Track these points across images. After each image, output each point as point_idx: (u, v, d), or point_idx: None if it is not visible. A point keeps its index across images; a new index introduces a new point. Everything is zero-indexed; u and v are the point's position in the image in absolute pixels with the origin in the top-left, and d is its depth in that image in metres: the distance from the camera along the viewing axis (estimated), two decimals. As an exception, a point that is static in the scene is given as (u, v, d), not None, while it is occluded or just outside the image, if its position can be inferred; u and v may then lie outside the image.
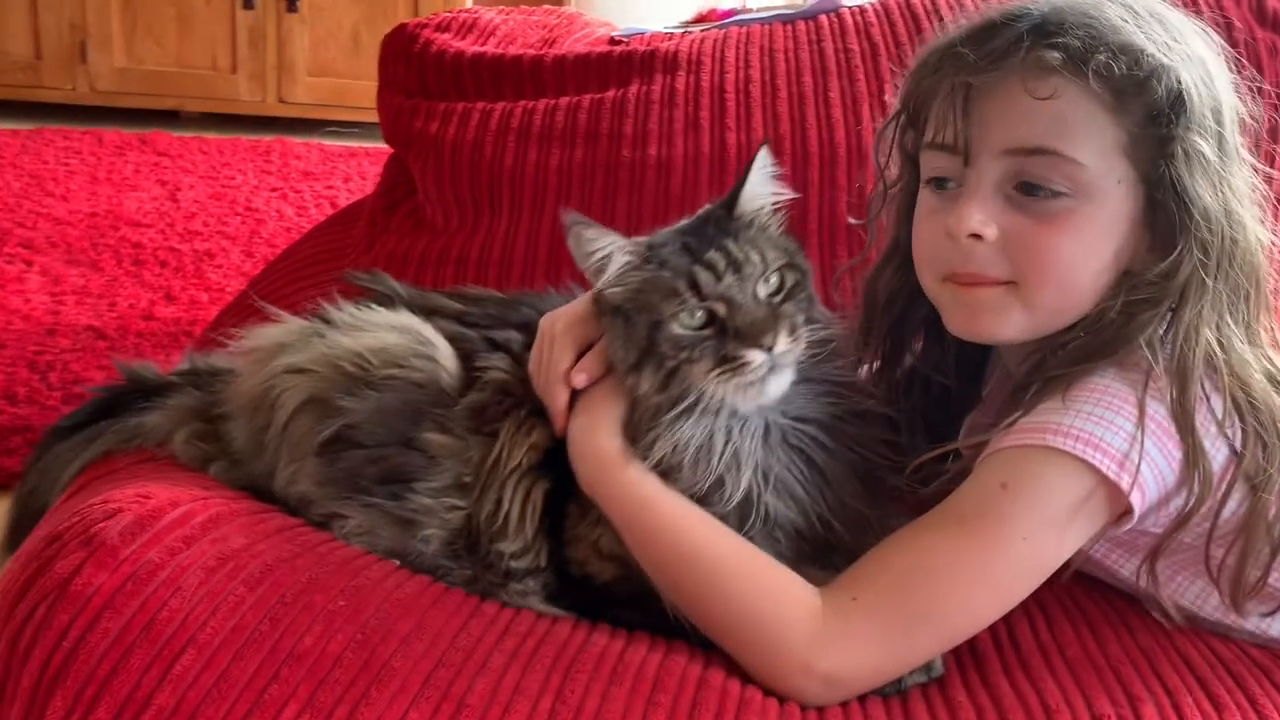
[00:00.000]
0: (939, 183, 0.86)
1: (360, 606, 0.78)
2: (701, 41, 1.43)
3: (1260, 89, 0.88)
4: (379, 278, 1.05)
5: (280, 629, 0.74)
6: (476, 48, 1.52)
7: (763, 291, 0.84)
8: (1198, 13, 1.24)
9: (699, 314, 0.83)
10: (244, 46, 3.59)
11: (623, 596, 0.88)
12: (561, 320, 0.90)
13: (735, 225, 0.86)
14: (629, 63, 1.40)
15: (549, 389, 0.88)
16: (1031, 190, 0.80)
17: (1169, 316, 0.81)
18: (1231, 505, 0.79)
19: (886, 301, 0.99)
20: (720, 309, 0.83)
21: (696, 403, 0.83)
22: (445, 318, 0.99)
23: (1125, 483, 0.76)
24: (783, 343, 0.82)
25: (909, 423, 0.95)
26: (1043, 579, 0.79)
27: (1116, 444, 0.76)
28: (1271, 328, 0.85)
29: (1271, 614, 0.83)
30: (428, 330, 0.94)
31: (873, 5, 1.42)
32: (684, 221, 0.90)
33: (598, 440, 0.86)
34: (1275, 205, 0.88)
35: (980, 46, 0.81)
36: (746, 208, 0.88)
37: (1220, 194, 0.80)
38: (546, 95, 1.41)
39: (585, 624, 0.83)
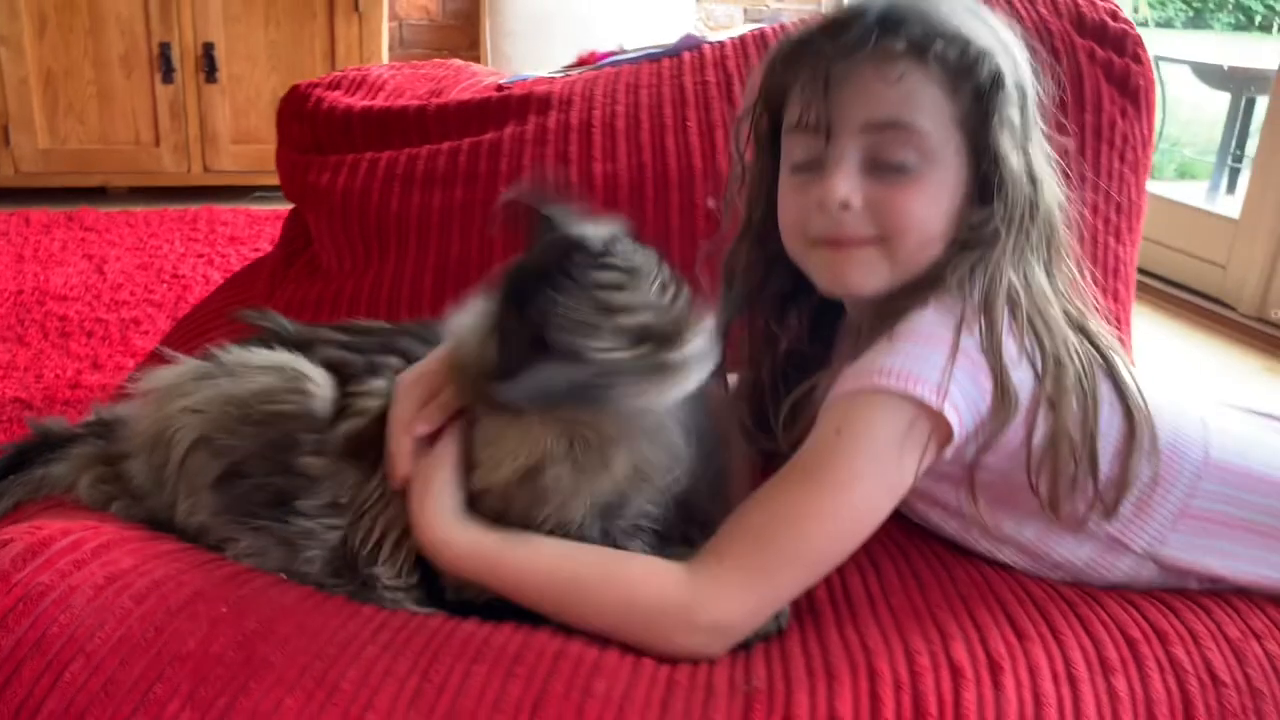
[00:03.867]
0: (804, 166, 0.97)
1: (243, 613, 0.85)
2: (574, 83, 1.52)
3: (1049, 67, 1.02)
4: (267, 315, 1.11)
5: (165, 635, 0.80)
6: (365, 102, 1.60)
7: (661, 289, 0.85)
8: (1020, 20, 1.37)
9: (617, 331, 0.82)
10: (166, 119, 3.65)
11: (501, 610, 0.93)
12: (412, 374, 0.96)
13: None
14: (506, 106, 1.48)
15: (392, 437, 0.94)
16: (885, 164, 0.93)
17: (980, 262, 0.92)
18: (1040, 430, 0.89)
19: (743, 275, 1.09)
20: (636, 319, 0.83)
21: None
22: (329, 346, 1.06)
23: (940, 404, 0.86)
24: (704, 330, 0.85)
25: (772, 389, 1.05)
26: (891, 506, 0.89)
27: (931, 374, 0.87)
28: (1069, 272, 0.97)
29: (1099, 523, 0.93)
30: (302, 364, 1.00)
31: (730, 40, 1.52)
32: (544, 245, 0.89)
33: (426, 517, 0.90)
34: (1071, 173, 1.02)
35: (834, 39, 0.94)
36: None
37: (1024, 157, 0.94)
38: (430, 142, 1.49)
39: (456, 618, 0.90)
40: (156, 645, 0.80)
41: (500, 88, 1.67)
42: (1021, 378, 0.89)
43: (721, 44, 1.51)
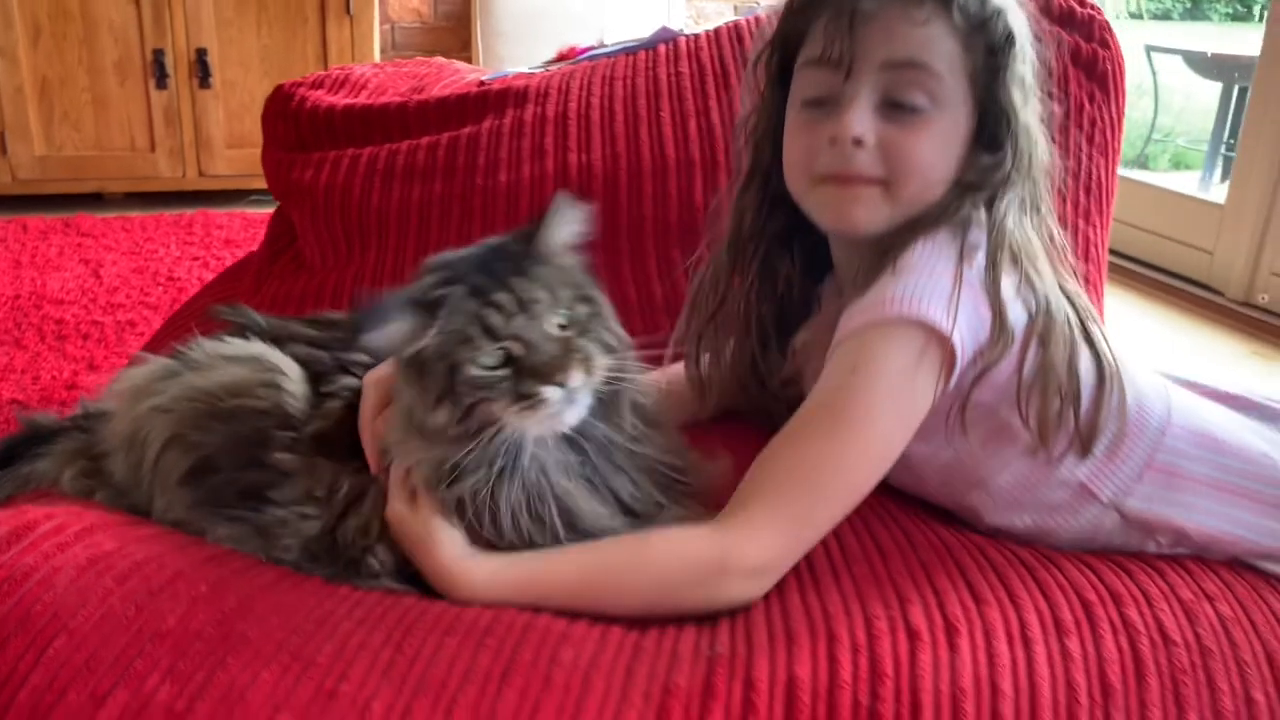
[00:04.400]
0: (816, 103, 1.00)
1: (223, 592, 0.87)
2: (551, 77, 1.55)
3: (1051, 35, 1.08)
4: (239, 310, 1.14)
5: (146, 613, 0.83)
6: (348, 100, 1.63)
7: (554, 328, 0.87)
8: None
9: (495, 354, 0.86)
10: (160, 125, 3.68)
11: None
12: (374, 374, 0.98)
13: (526, 263, 0.89)
14: (484, 101, 1.51)
15: (361, 435, 0.96)
16: (898, 105, 0.96)
17: (985, 203, 0.97)
18: (1030, 364, 0.93)
19: (752, 215, 1.12)
20: (515, 348, 0.86)
21: (498, 433, 0.87)
22: (299, 343, 1.08)
23: (947, 327, 0.90)
24: (576, 378, 0.86)
25: (762, 343, 1.12)
26: (910, 434, 0.93)
27: (939, 299, 0.91)
28: (1050, 225, 1.02)
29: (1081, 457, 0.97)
30: (276, 356, 1.02)
31: (705, 33, 1.55)
32: (475, 251, 0.92)
33: (441, 570, 0.91)
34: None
35: None
36: (545, 246, 0.91)
37: (1029, 113, 1.00)
38: (411, 137, 1.52)
39: (430, 596, 0.92)
40: (137, 623, 0.82)
41: (481, 84, 1.70)
42: (1016, 313, 0.93)
43: (696, 37, 1.53)
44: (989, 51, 0.98)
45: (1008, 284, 0.94)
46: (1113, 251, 3.40)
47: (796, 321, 1.14)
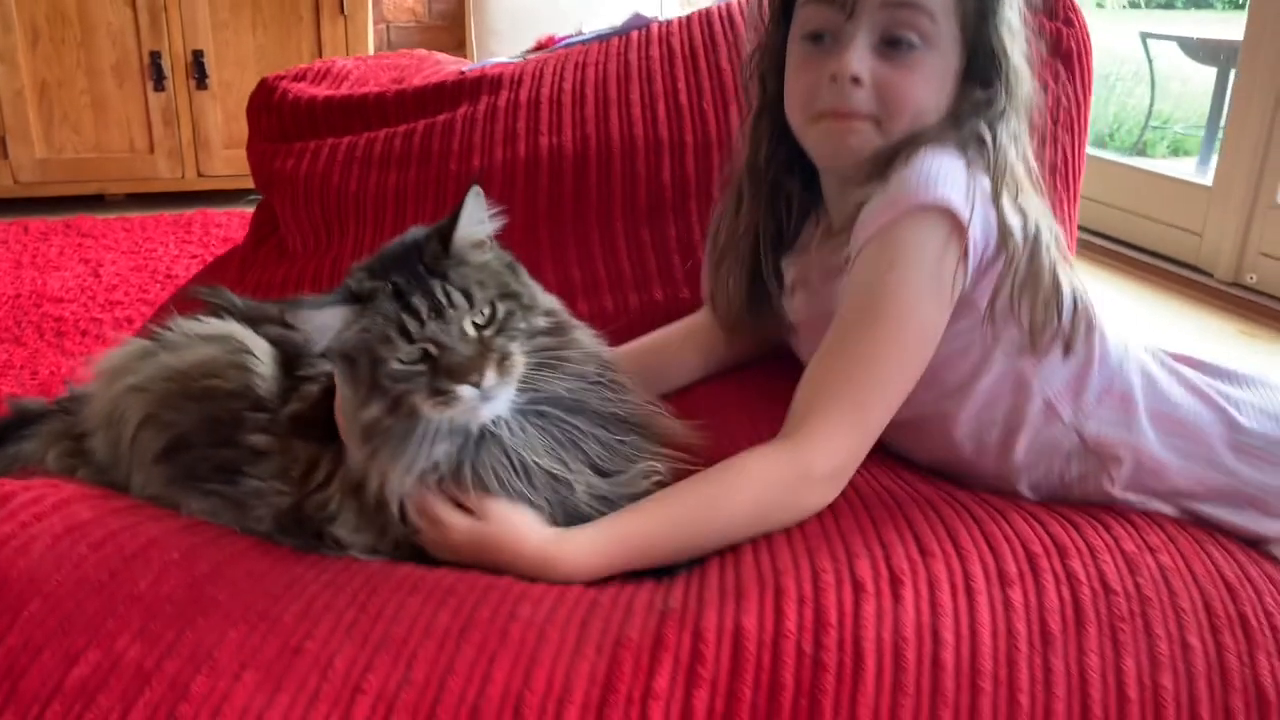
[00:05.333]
0: (815, 37, 1.06)
1: (194, 559, 0.90)
2: (527, 64, 1.57)
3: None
4: (217, 291, 1.17)
5: (119, 579, 0.86)
6: (329, 92, 1.66)
7: (471, 328, 0.90)
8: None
9: (413, 352, 0.90)
10: (159, 126, 3.72)
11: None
12: None
13: (446, 264, 0.91)
14: (460, 89, 1.54)
15: (338, 418, 0.99)
16: (894, 43, 1.02)
17: (983, 129, 1.03)
18: (1022, 271, 0.98)
19: (766, 143, 1.17)
20: (431, 348, 0.89)
21: (429, 424, 0.91)
22: (273, 324, 1.11)
23: (966, 215, 0.96)
24: (490, 377, 0.89)
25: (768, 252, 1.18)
26: (947, 315, 0.98)
27: (956, 187, 0.97)
28: (1029, 159, 1.07)
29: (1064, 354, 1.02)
30: (248, 337, 1.06)
31: (676, 19, 1.57)
32: (399, 246, 0.95)
33: (530, 549, 0.92)
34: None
35: None
36: (459, 245, 0.93)
37: (1017, 52, 1.06)
38: (389, 125, 1.55)
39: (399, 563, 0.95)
40: (110, 587, 0.85)
41: (461, 74, 1.73)
42: (1014, 222, 0.99)
43: (668, 22, 1.56)
44: None
45: (1005, 195, 1.00)
46: (1103, 235, 3.43)
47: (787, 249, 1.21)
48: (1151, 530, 0.95)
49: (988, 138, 1.02)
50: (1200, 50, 4.92)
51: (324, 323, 0.91)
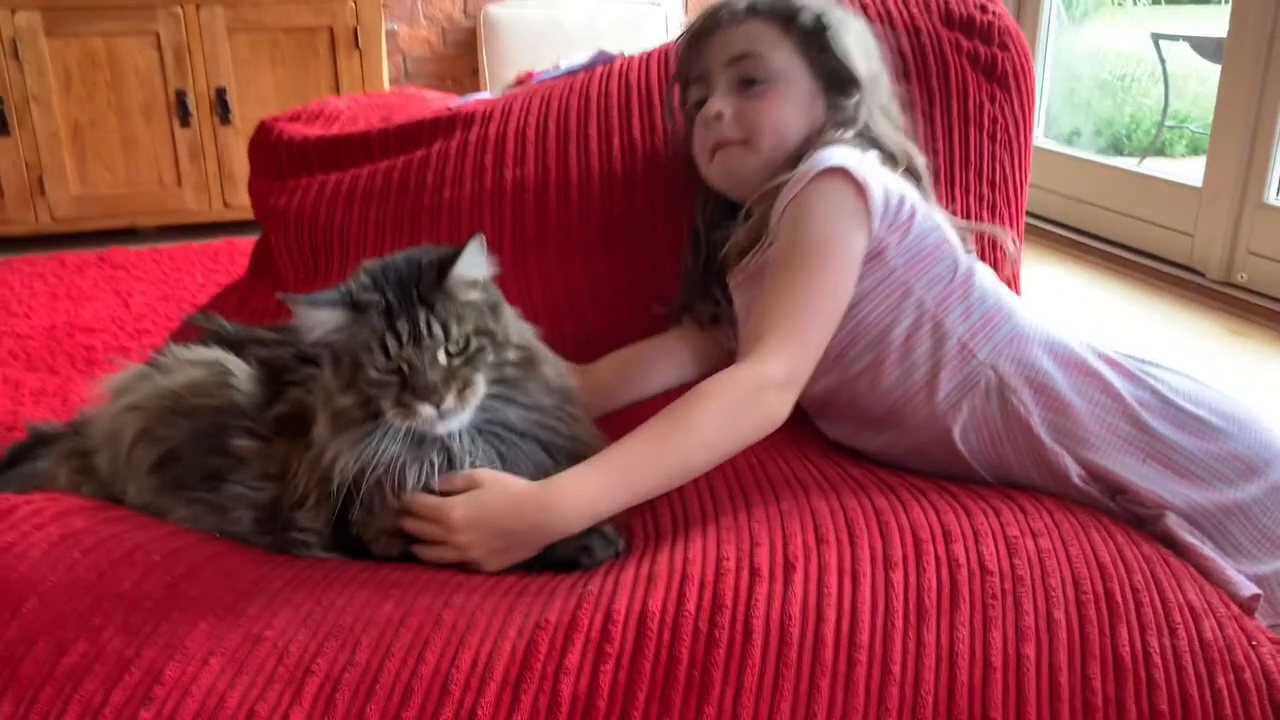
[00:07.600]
0: (699, 104, 1.34)
1: (175, 561, 1.02)
2: (502, 100, 1.69)
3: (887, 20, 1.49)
4: (211, 318, 1.29)
5: (106, 579, 0.97)
6: (320, 131, 1.78)
7: (443, 356, 1.02)
8: (889, 16, 1.51)
9: (389, 366, 1.02)
10: (186, 161, 3.89)
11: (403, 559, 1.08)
12: None
13: (436, 295, 1.03)
14: (437, 126, 1.65)
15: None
16: (749, 83, 1.30)
17: (855, 126, 1.29)
18: (919, 227, 1.21)
19: (706, 207, 1.42)
20: (405, 367, 1.01)
21: (389, 425, 1.03)
22: (260, 345, 1.23)
23: (862, 177, 1.16)
24: (450, 401, 1.01)
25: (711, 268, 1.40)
26: (864, 242, 1.17)
27: (851, 161, 1.17)
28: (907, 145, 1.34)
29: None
30: (231, 361, 1.18)
31: (638, 54, 1.68)
32: (405, 262, 1.06)
33: (534, 504, 1.03)
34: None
35: (706, 19, 1.35)
36: (453, 281, 1.04)
37: (868, 63, 1.34)
38: (373, 162, 1.67)
39: (354, 561, 1.06)
40: (99, 587, 0.97)
41: (448, 109, 1.84)
42: (909, 193, 1.22)
43: (630, 59, 1.66)
44: (805, 33, 1.30)
45: (894, 175, 1.24)
46: (1095, 237, 3.49)
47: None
48: (1039, 515, 1.04)
49: (866, 132, 1.27)
50: (1211, 49, 4.95)
51: (320, 318, 1.04)
